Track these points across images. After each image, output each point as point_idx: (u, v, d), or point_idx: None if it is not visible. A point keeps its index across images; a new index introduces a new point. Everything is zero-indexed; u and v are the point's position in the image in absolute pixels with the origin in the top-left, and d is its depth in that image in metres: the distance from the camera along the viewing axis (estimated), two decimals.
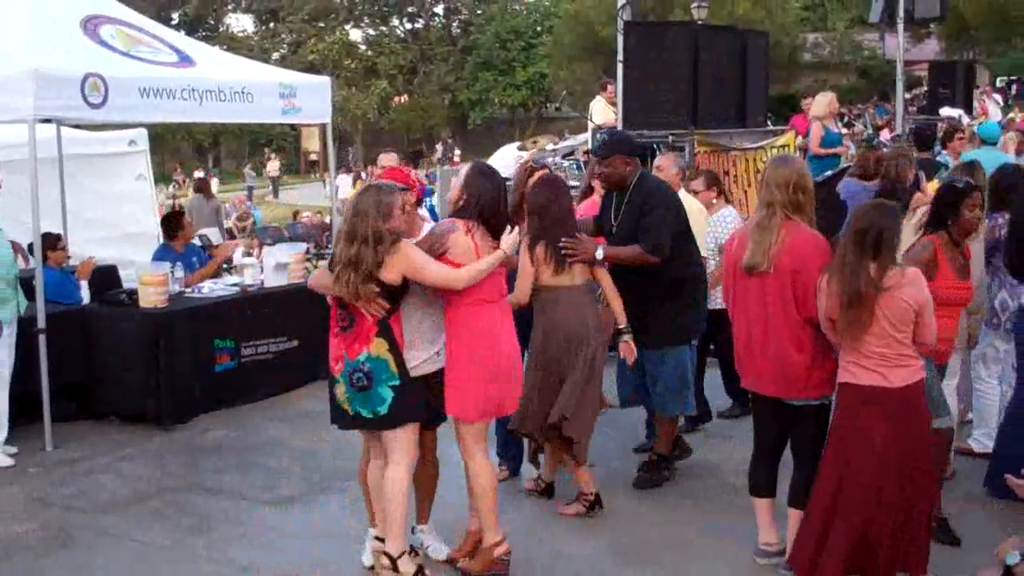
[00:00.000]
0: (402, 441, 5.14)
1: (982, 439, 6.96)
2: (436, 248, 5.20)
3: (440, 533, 5.67)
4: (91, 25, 8.45)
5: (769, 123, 14.01)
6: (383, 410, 5.06)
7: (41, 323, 7.58)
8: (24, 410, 7.74)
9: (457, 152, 47.20)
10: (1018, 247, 6.10)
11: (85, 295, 9.02)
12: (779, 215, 5.13)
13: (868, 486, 4.78)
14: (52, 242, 8.66)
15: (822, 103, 11.66)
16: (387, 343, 5.06)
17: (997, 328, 6.77)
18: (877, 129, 26.23)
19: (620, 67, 11.32)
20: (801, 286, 5.05)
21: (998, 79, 39.60)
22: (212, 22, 60.38)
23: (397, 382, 5.06)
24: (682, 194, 7.12)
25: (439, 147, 50.70)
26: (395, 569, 5.11)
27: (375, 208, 4.98)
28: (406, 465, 5.15)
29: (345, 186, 29.07)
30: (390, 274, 4.98)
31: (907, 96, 21.60)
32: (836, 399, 5.04)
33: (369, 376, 5.04)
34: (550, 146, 16.79)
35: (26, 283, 7.68)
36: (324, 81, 10.27)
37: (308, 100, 9.65)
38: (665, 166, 7.45)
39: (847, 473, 4.84)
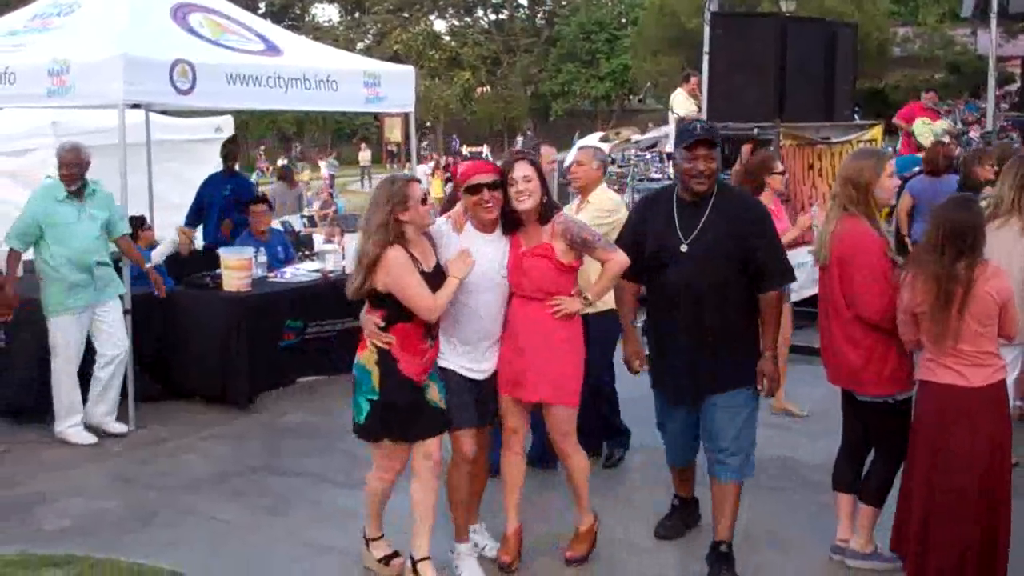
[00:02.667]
0: (375, 456, 5.23)
1: None
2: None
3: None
4: (180, 13, 8.59)
5: (856, 117, 13.76)
6: (360, 420, 5.06)
7: (127, 304, 7.74)
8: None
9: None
10: None
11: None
12: (837, 208, 5.07)
13: (958, 490, 4.67)
14: (138, 225, 8.82)
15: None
16: (377, 355, 4.97)
17: None
18: (967, 125, 25.65)
19: (706, 58, 11.22)
20: (847, 280, 4.98)
21: None
22: (298, 11, 61.10)
23: (375, 397, 4.98)
24: (602, 190, 6.72)
25: (519, 139, 50.38)
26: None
27: (387, 198, 4.88)
28: (384, 479, 5.24)
29: (423, 176, 29.20)
30: (381, 277, 4.88)
31: (999, 92, 21.06)
32: (916, 398, 4.94)
33: (354, 382, 5.06)
34: (634, 137, 16.68)
35: (114, 265, 7.83)
36: (408, 70, 10.31)
37: (392, 89, 9.70)
38: (585, 160, 6.76)
39: (935, 476, 4.73)
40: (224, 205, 10.42)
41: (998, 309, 4.63)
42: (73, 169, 7.44)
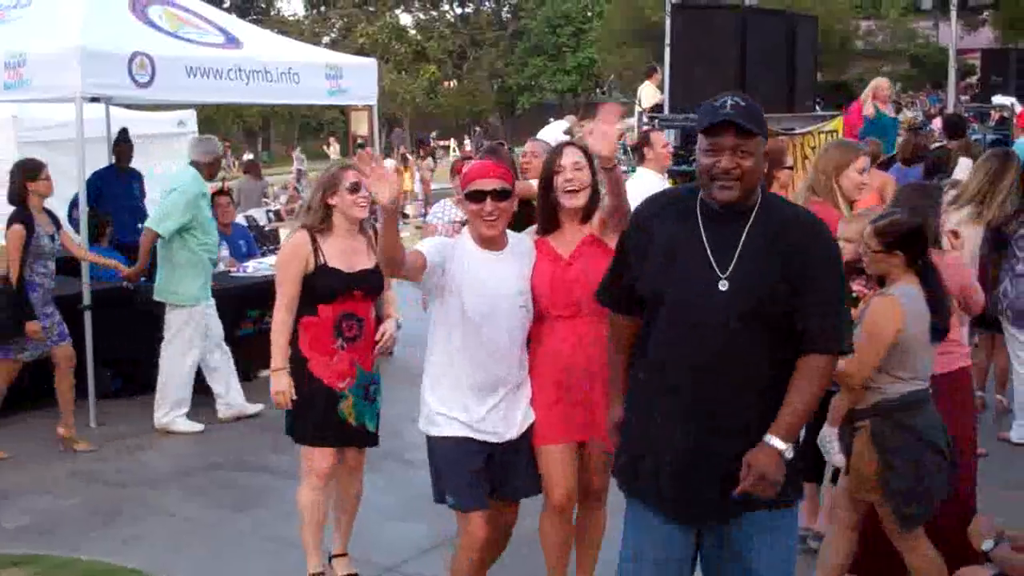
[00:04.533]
0: (362, 463, 5.15)
1: (1019, 428, 6.91)
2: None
3: None
4: (139, 5, 8.54)
5: (818, 108, 13.84)
6: (374, 425, 4.97)
7: (86, 300, 7.68)
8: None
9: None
10: None
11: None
12: (805, 194, 5.22)
13: None
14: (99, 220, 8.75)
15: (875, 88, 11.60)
16: (291, 351, 4.83)
17: (1001, 312, 6.84)
18: (929, 118, 25.87)
19: (667, 50, 11.25)
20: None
21: None
22: (263, 5, 60.65)
23: (381, 392, 5.02)
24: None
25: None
26: None
27: (320, 181, 4.86)
28: (314, 486, 4.95)
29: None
30: None
31: (960, 84, 21.28)
32: None
33: (378, 387, 4.98)
34: None
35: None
36: (370, 63, 10.29)
37: (354, 81, 9.68)
38: (538, 152, 6.73)
39: None
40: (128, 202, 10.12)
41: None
42: (218, 166, 7.92)
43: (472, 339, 4.12)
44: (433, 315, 4.23)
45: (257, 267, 9.15)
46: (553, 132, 13.10)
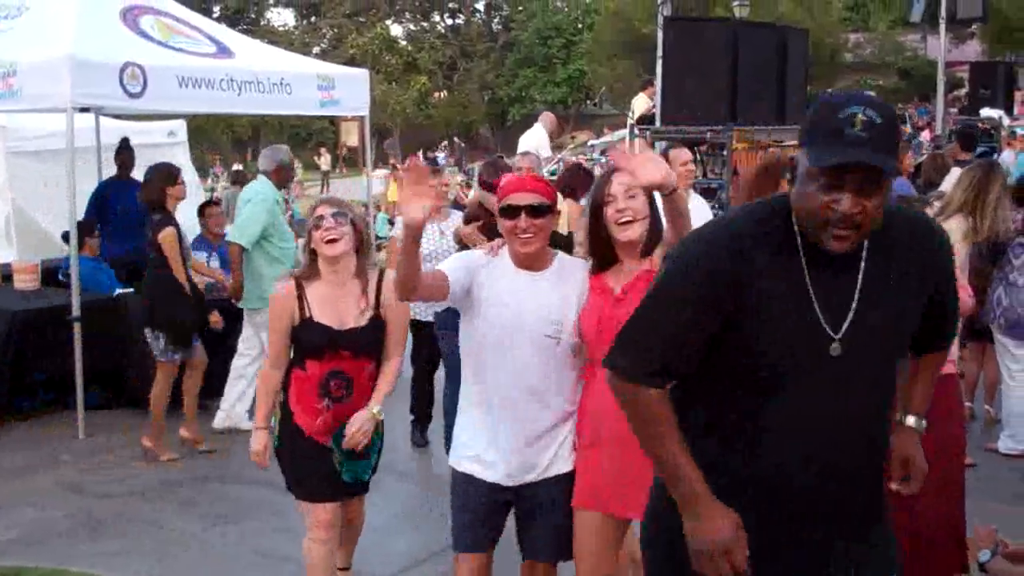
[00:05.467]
0: (362, 505, 4.84)
1: (1006, 440, 6.94)
2: None
3: None
4: (131, 15, 8.51)
5: None
6: (367, 476, 4.59)
7: (76, 311, 7.64)
8: (58, 398, 7.82)
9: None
10: None
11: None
12: None
13: None
14: (88, 231, 8.71)
15: None
16: (282, 397, 4.49)
17: (993, 322, 6.89)
18: (918, 130, 25.96)
19: (659, 62, 11.27)
20: None
21: None
22: (253, 16, 60.67)
23: (380, 440, 4.59)
24: None
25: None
26: None
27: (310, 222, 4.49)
28: (318, 539, 4.50)
29: (381, 180, 29.05)
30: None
31: (948, 97, 21.36)
32: None
33: (372, 445, 4.52)
34: (590, 141, 16.74)
35: (59, 272, 7.75)
36: (362, 74, 10.28)
37: (346, 93, 9.67)
38: (524, 165, 6.87)
39: None
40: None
41: None
42: (285, 172, 8.02)
43: (492, 368, 3.75)
44: (462, 330, 3.88)
45: None
46: (532, 139, 13.08)
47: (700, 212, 7.06)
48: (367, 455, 4.50)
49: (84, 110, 8.47)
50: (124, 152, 10.05)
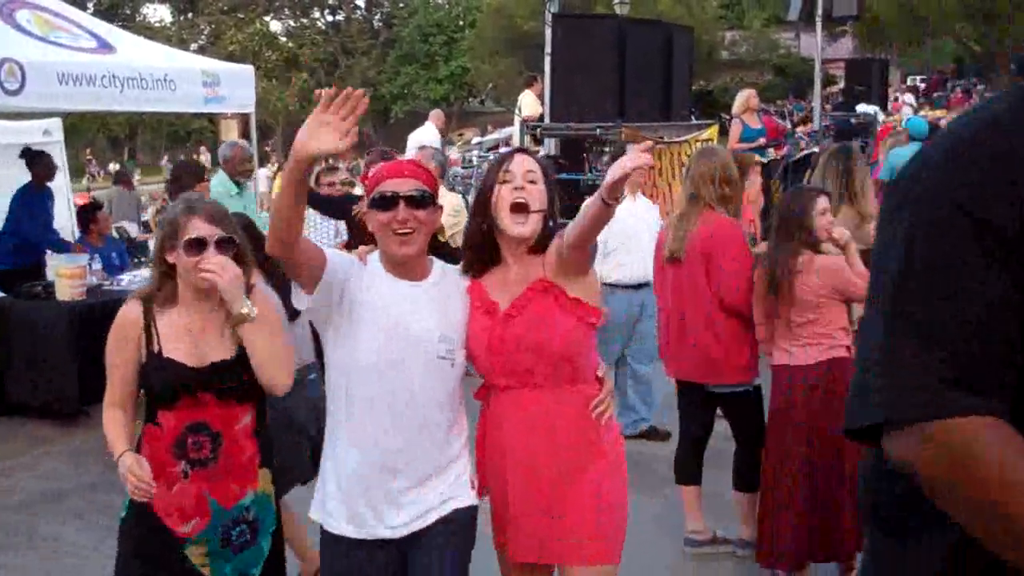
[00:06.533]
0: None
1: None
2: None
3: None
4: (6, 9, 8.22)
5: (693, 117, 14.12)
6: (256, 571, 3.47)
7: None
8: None
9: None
10: None
11: None
12: (700, 205, 5.21)
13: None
14: None
15: (739, 100, 11.82)
16: (270, 471, 3.48)
17: None
18: (794, 125, 26.60)
19: (547, 59, 11.33)
20: (714, 270, 5.12)
21: (909, 78, 40.52)
22: (128, 11, 59.18)
23: (275, 526, 3.52)
24: (443, 191, 6.77)
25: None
26: None
27: (161, 227, 3.47)
28: None
29: (265, 179, 28.62)
30: None
31: (823, 93, 21.92)
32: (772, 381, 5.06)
33: (255, 527, 3.42)
34: (476, 139, 16.75)
35: None
36: (247, 70, 10.12)
37: (231, 89, 9.51)
38: (423, 160, 6.88)
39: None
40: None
41: (820, 301, 4.77)
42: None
43: (371, 396, 3.10)
44: (327, 356, 3.23)
45: (132, 280, 8.87)
46: (424, 137, 13.02)
47: (649, 214, 7.07)
48: (249, 542, 3.41)
49: None
50: (39, 161, 9.69)
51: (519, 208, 3.10)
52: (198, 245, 3.24)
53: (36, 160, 9.63)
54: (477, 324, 3.17)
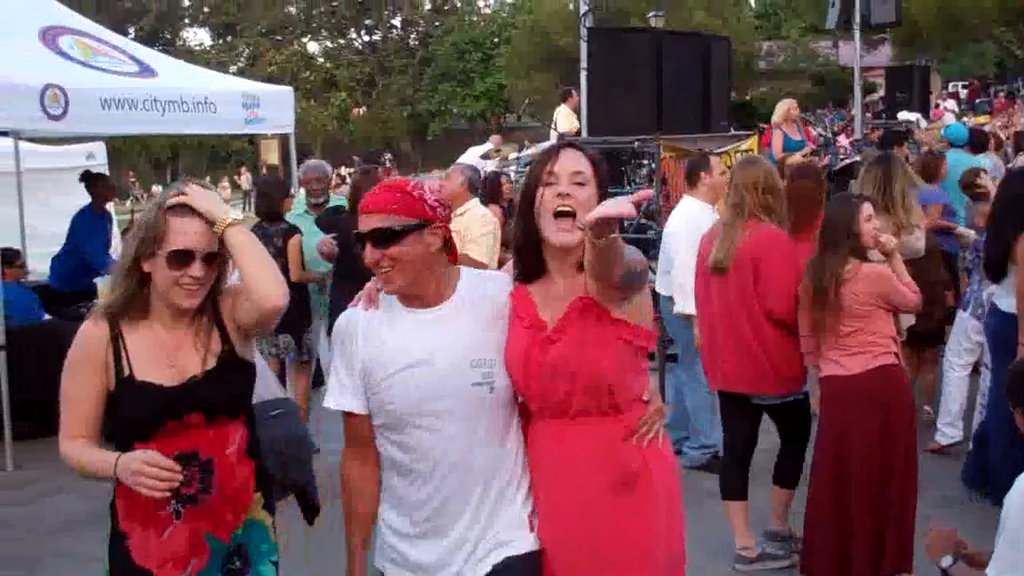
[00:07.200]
0: None
1: (945, 429, 7.04)
2: None
3: None
4: (49, 35, 8.33)
5: (731, 128, 14.05)
6: None
7: (0, 340, 7.43)
8: None
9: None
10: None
11: None
12: (745, 215, 5.17)
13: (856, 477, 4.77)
14: (10, 258, 8.51)
15: (780, 110, 11.73)
16: (264, 495, 3.09)
17: (980, 319, 6.84)
18: (834, 134, 26.41)
19: (583, 74, 11.30)
20: (762, 280, 5.08)
21: (950, 84, 40.14)
22: (169, 36, 59.94)
23: (276, 557, 3.13)
24: (474, 203, 6.96)
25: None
26: None
27: (136, 231, 2.95)
28: None
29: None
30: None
31: (863, 101, 21.76)
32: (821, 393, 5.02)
33: (245, 556, 3.03)
34: (513, 155, 16.75)
35: None
36: (286, 91, 10.19)
37: (271, 110, 9.58)
38: (451, 177, 7.15)
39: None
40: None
41: (867, 310, 4.73)
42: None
43: (402, 444, 2.86)
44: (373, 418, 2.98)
45: None
46: (478, 151, 13.03)
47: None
48: (246, 566, 3.04)
49: (3, 134, 8.25)
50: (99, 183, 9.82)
51: (563, 215, 2.75)
52: (183, 257, 2.84)
53: (96, 181, 9.75)
54: (519, 342, 2.82)
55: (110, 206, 12.10)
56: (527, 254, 2.85)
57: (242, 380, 3.01)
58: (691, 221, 6.40)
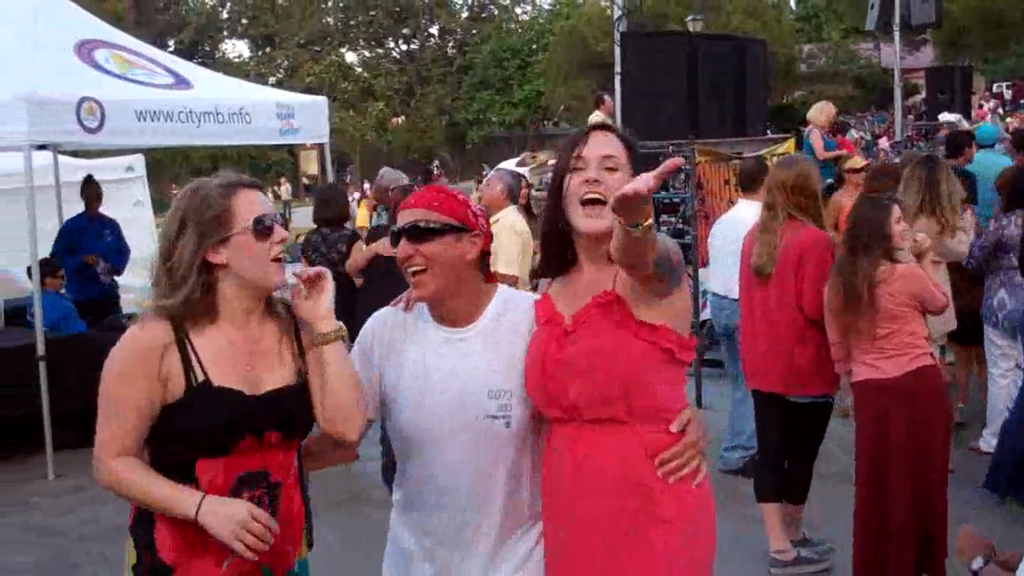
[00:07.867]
0: None
1: (988, 437, 6.96)
2: None
3: None
4: (85, 49, 8.41)
5: (768, 132, 13.95)
6: None
7: (41, 350, 7.51)
8: (25, 438, 7.67)
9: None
10: None
11: None
12: (780, 217, 5.14)
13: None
14: (50, 269, 8.60)
15: (822, 114, 11.63)
16: (308, 528, 2.83)
17: (996, 326, 6.81)
18: (875, 137, 26.23)
19: (618, 79, 11.28)
20: (802, 281, 5.07)
21: (994, 85, 39.66)
22: (208, 48, 60.50)
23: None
24: (510, 211, 6.88)
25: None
26: None
27: (191, 218, 2.62)
28: None
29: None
30: None
31: (904, 104, 21.57)
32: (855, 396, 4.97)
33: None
34: (551, 161, 16.74)
35: (24, 310, 7.63)
36: (320, 101, 10.22)
37: (306, 120, 9.61)
38: (491, 182, 7.18)
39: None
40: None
41: (902, 311, 4.68)
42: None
43: (414, 470, 2.72)
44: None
45: None
46: (508, 166, 13.03)
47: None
48: None
49: (41, 147, 8.34)
50: (86, 188, 9.95)
51: (592, 203, 2.54)
52: (267, 226, 2.59)
53: (85, 187, 10.07)
54: (537, 339, 2.62)
55: (145, 219, 12.26)
56: (555, 244, 2.66)
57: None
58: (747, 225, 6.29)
